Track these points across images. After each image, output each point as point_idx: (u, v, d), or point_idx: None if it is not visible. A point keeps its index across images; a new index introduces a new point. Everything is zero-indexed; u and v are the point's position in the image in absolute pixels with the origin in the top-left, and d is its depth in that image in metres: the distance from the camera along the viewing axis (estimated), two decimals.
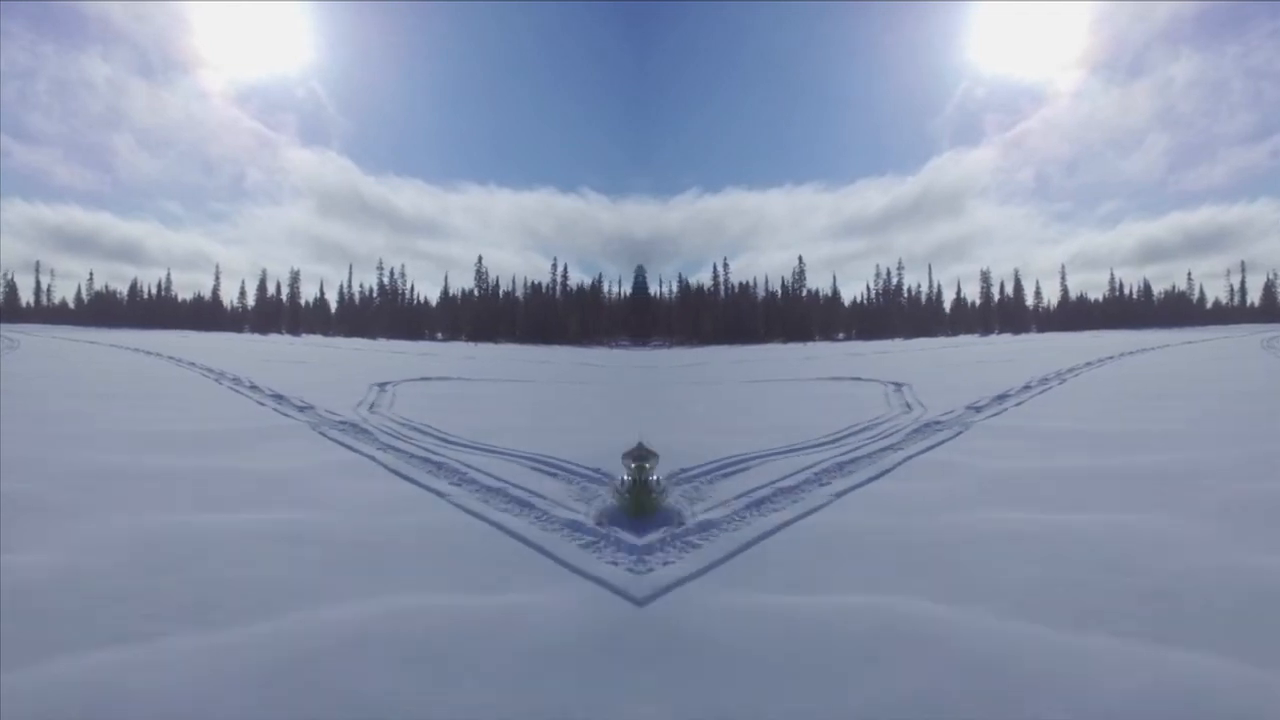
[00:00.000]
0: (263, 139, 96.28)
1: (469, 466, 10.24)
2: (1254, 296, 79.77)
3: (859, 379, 24.41)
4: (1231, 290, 79.88)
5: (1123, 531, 7.00)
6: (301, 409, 16.18)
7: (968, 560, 6.40)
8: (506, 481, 9.30)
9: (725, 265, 71.72)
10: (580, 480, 9.27)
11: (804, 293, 77.83)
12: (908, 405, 17.08)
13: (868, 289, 79.55)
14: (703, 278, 73.12)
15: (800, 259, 77.07)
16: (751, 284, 74.56)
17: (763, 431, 12.90)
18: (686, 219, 65.68)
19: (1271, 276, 78.58)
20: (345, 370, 26.21)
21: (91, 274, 76.18)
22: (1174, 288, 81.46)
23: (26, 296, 74.13)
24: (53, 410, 15.55)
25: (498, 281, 71.48)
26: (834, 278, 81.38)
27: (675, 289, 69.56)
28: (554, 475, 9.53)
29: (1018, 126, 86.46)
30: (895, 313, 78.63)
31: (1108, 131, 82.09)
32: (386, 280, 73.75)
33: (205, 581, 5.59)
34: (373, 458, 11.19)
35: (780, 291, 75.78)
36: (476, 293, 71.22)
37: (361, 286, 75.14)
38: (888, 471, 10.13)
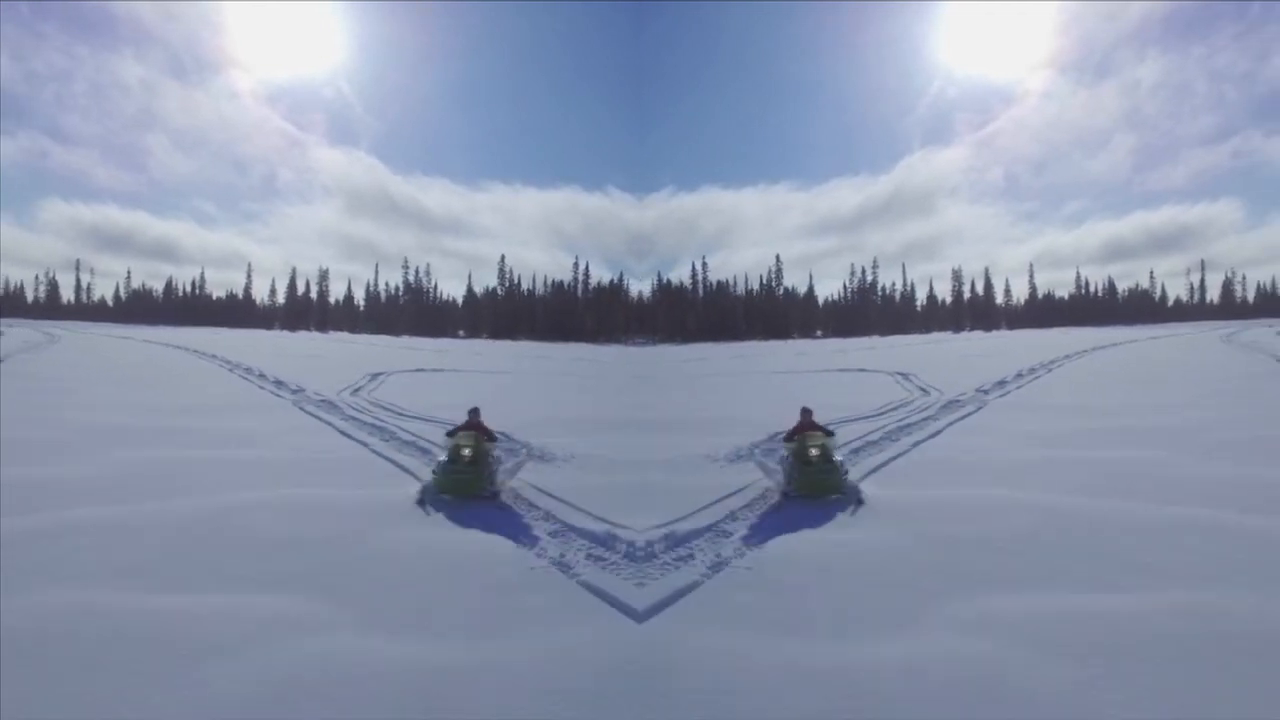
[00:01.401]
0: (292, 139, 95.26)
1: (402, 429, 13.47)
2: (1213, 294, 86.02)
3: (864, 370, 27.45)
4: (1192, 288, 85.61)
5: (1136, 458, 10.05)
6: (293, 391, 19.32)
7: (1036, 473, 9.40)
8: (421, 438, 12.44)
9: (704, 264, 74.96)
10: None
11: (781, 291, 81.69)
12: (923, 390, 20.01)
13: (844, 287, 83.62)
14: (679, 275, 76.06)
15: (778, 258, 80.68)
16: (731, 282, 77.95)
17: (818, 406, 15.66)
18: (660, 217, 68.44)
19: (1230, 275, 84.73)
20: (350, 362, 28.56)
21: (129, 272, 79.35)
22: (1137, 286, 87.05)
23: (67, 294, 77.44)
24: (80, 389, 18.88)
25: (519, 280, 74.29)
26: (810, 276, 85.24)
27: (653, 287, 72.53)
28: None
29: (988, 126, 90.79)
30: (870, 310, 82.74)
31: (1075, 132, 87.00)
32: (412, 278, 77.03)
33: (168, 479, 9.44)
34: (330, 424, 14.44)
35: (759, 290, 79.51)
36: (500, 291, 74.75)
37: (387, 285, 78.27)
38: (941, 431, 13.03)
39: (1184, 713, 4.03)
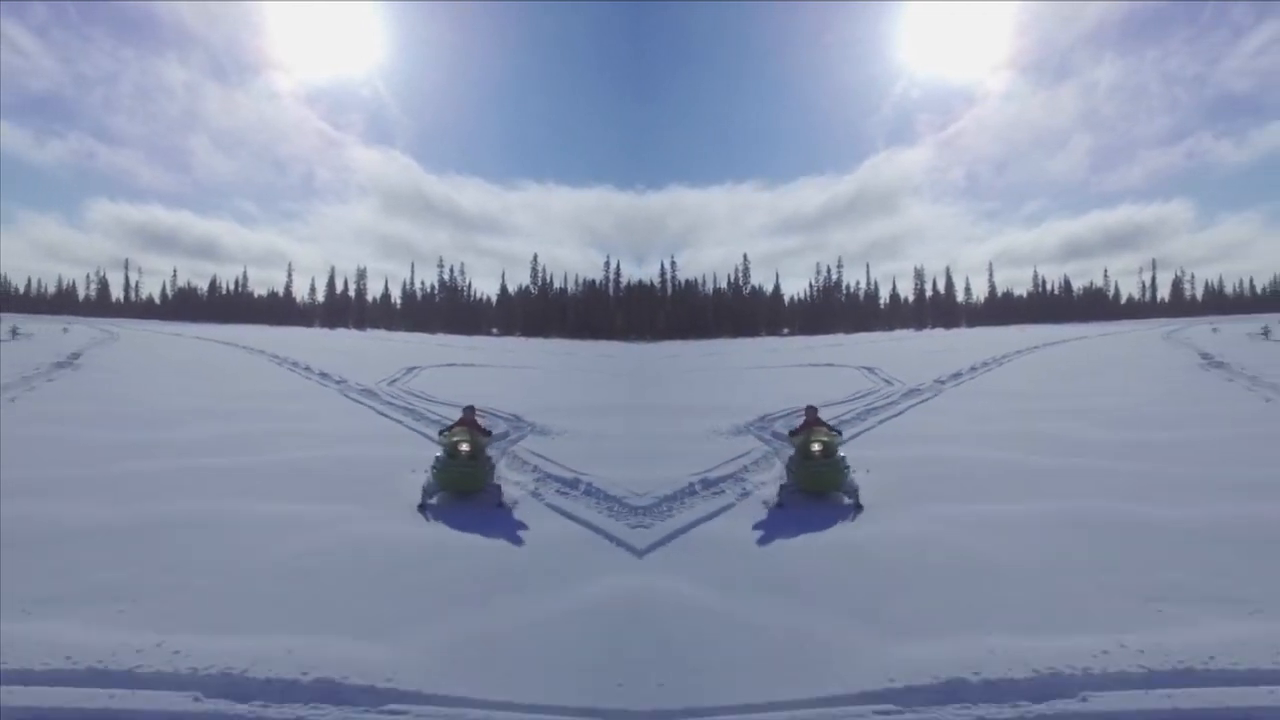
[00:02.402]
0: (329, 139, 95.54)
1: (429, 411, 16.35)
2: (1164, 293, 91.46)
3: (833, 364, 30.50)
4: (1143, 287, 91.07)
5: (1051, 428, 13.19)
6: (337, 382, 22.13)
7: (975, 438, 12.48)
8: (445, 419, 14.74)
9: (673, 263, 77.72)
10: (493, 418, 14.74)
11: (748, 289, 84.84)
12: (887, 381, 23.04)
13: (810, 286, 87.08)
14: (648, 273, 78.49)
15: (745, 257, 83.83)
16: (699, 281, 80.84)
17: (795, 396, 18.45)
18: (630, 214, 70.82)
19: (1179, 274, 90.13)
20: (388, 357, 31.43)
21: (175, 271, 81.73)
22: (1091, 284, 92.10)
23: (117, 292, 79.73)
24: (154, 379, 22.15)
25: (551, 278, 76.67)
26: (776, 275, 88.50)
27: (623, 285, 75.16)
28: (481, 417, 13.96)
29: (950, 127, 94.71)
30: (835, 308, 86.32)
31: (1034, 132, 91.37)
32: (447, 277, 79.28)
33: (255, 443, 12.52)
34: (370, 406, 17.51)
35: (727, 288, 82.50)
36: (533, 290, 77.05)
37: (423, 284, 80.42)
38: (903, 412, 16.07)
39: (1046, 557, 6.92)
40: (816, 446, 9.42)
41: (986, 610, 5.86)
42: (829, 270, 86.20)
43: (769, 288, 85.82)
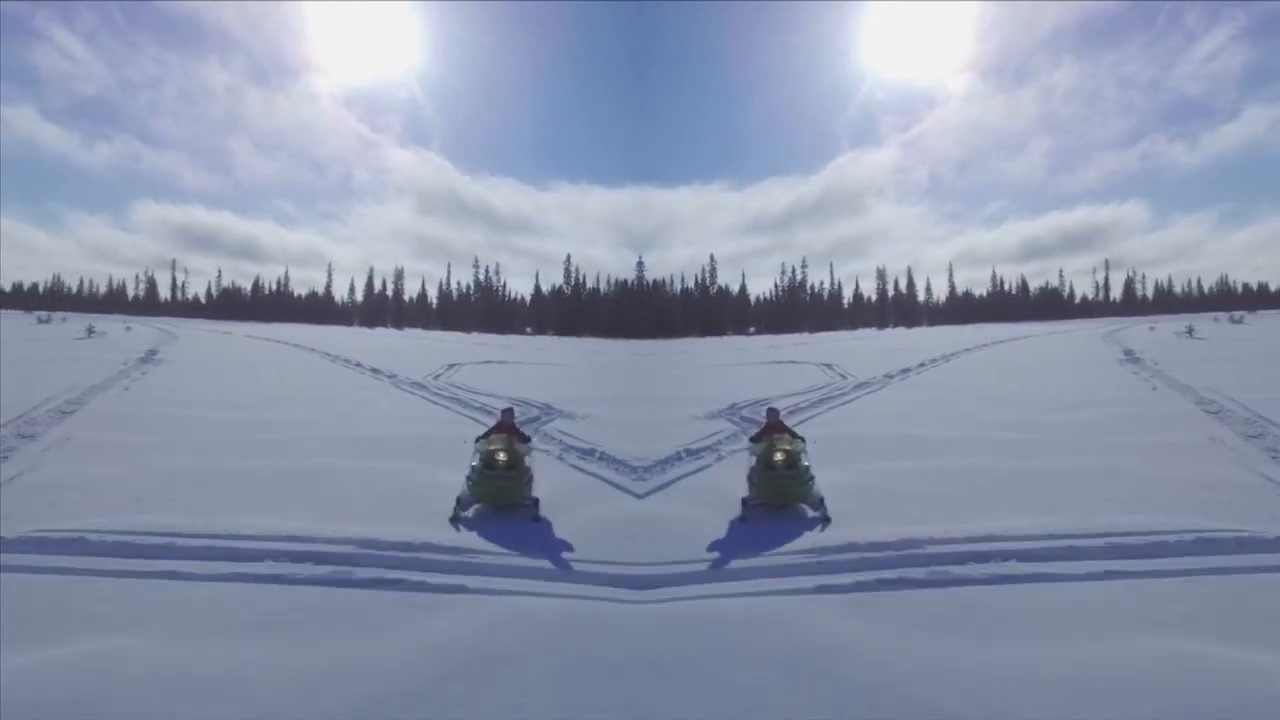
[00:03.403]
0: (367, 140, 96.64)
1: (472, 400, 19.59)
2: (1116, 292, 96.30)
3: (795, 361, 33.77)
4: (1097, 286, 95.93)
5: (971, 410, 16.45)
6: (389, 376, 25.28)
7: (908, 417, 15.70)
8: (487, 407, 18.11)
9: (640, 263, 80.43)
10: (528, 406, 17.90)
11: (715, 289, 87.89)
12: (842, 376, 26.32)
13: (775, 286, 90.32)
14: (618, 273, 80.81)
15: (712, 257, 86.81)
16: (667, 281, 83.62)
17: (759, 389, 21.65)
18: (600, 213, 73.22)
19: (1131, 274, 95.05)
20: (429, 355, 35.15)
21: (220, 271, 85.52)
22: (1047, 284, 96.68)
23: (164, 292, 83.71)
24: (227, 373, 25.57)
25: (584, 279, 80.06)
26: (742, 275, 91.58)
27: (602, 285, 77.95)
28: (518, 405, 17.00)
29: (913, 129, 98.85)
30: (800, 308, 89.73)
31: (994, 135, 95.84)
32: (482, 277, 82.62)
33: (337, 422, 15.76)
34: (422, 396, 20.71)
35: (694, 287, 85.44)
36: (566, 289, 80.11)
37: (459, 284, 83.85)
38: (851, 401, 19.29)
39: (938, 489, 10.07)
40: (779, 456, 9.47)
41: (892, 513, 9.05)
42: (794, 270, 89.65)
43: (735, 287, 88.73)
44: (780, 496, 9.26)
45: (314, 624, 6.27)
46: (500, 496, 9.27)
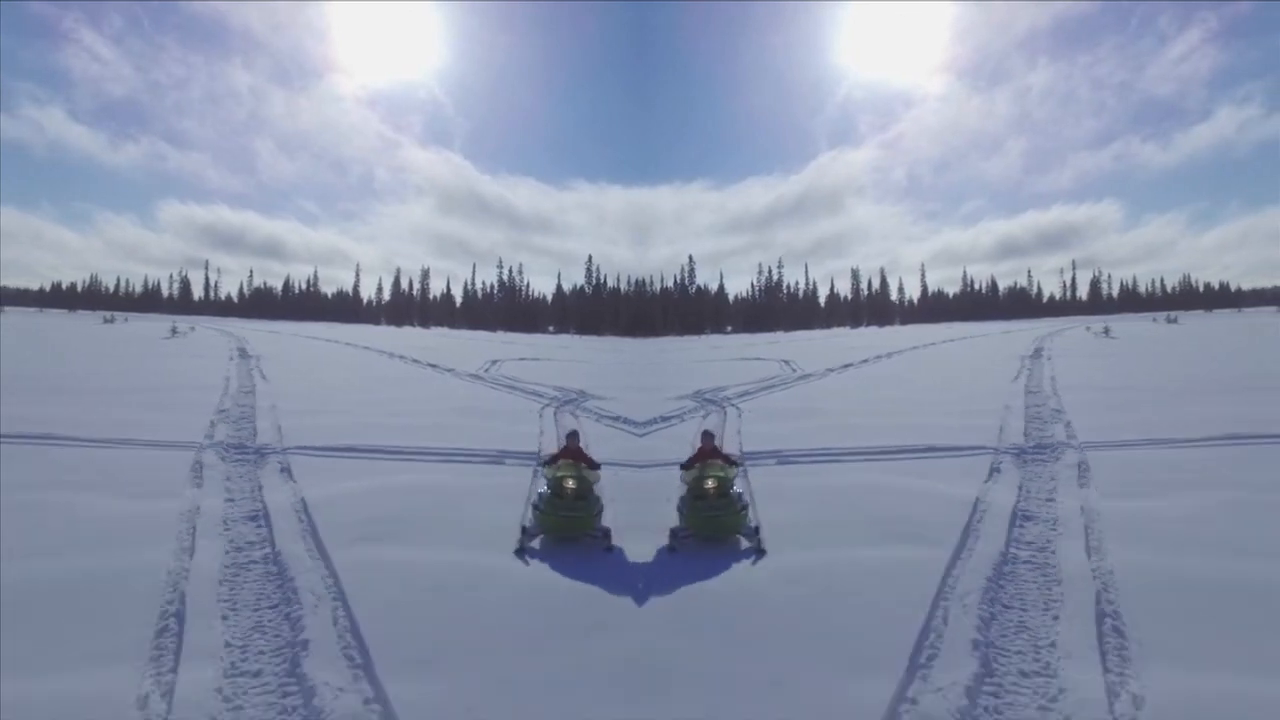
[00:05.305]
0: (388, 140, 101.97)
1: (524, 388, 27.02)
2: (1083, 291, 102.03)
3: (760, 358, 41.33)
4: (1064, 285, 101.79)
5: (887, 395, 24.11)
6: (447, 370, 32.95)
7: (831, 400, 23.36)
8: (535, 395, 25.16)
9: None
10: (556, 392, 25.32)
11: (694, 288, 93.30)
12: (793, 370, 33.94)
13: (752, 286, 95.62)
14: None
15: (691, 258, 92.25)
16: (647, 280, 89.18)
17: (720, 380, 29.19)
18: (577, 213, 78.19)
19: (1097, 273, 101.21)
20: (469, 352, 42.93)
21: (251, 271, 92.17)
22: (1016, 284, 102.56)
23: (197, 291, 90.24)
24: (311, 365, 33.75)
25: (605, 278, 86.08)
26: (721, 274, 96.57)
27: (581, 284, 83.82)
28: (552, 390, 25.36)
29: (891, 129, 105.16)
30: (777, 307, 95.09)
31: (971, 135, 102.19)
32: (505, 277, 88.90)
33: (424, 400, 23.54)
34: (484, 383, 28.46)
35: (674, 287, 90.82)
36: (587, 289, 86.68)
37: (483, 283, 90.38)
38: (791, 387, 26.97)
39: (881, 442, 17.69)
40: (710, 484, 9.37)
41: (779, 442, 16.60)
42: (770, 270, 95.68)
43: (714, 286, 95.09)
44: (710, 528, 9.23)
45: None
46: (568, 528, 9.14)
